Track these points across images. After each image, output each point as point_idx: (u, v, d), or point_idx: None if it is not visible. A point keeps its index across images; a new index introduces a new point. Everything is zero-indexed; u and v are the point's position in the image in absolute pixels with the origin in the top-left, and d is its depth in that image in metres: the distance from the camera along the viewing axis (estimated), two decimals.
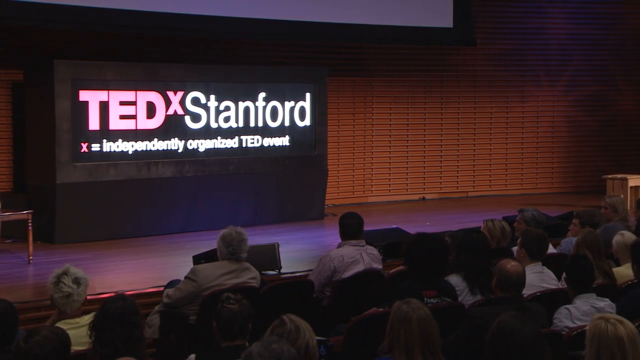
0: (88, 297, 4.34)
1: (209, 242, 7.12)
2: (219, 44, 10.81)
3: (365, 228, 6.13)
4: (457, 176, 12.83)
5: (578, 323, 4.43)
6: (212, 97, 9.78)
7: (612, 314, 3.58)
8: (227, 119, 9.93)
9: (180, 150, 9.57)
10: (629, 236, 5.81)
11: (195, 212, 9.61)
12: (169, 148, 9.49)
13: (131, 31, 9.78)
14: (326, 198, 10.93)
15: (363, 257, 5.81)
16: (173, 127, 9.51)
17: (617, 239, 5.87)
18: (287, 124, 10.38)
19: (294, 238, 9.17)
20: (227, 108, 9.92)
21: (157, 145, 9.40)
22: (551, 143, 13.24)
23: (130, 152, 9.21)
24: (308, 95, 10.54)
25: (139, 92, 9.24)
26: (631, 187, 11.06)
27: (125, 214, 9.16)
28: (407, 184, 12.56)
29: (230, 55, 10.90)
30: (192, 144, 9.66)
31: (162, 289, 5.75)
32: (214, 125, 9.81)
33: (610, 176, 11.39)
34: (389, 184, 12.46)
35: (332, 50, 11.77)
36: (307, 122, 10.54)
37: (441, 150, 12.70)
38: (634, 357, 3.11)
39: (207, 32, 10.20)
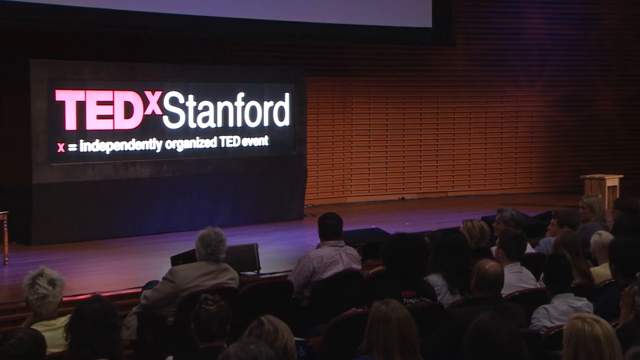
0: (64, 299, 4.32)
1: (187, 243, 7.08)
2: (198, 43, 10.78)
3: (345, 228, 6.14)
4: (437, 176, 12.88)
5: (556, 323, 4.47)
6: (191, 97, 9.75)
7: (589, 314, 3.61)
8: (205, 119, 9.90)
9: (158, 151, 9.53)
10: (606, 236, 5.85)
11: (174, 212, 9.58)
12: (147, 148, 9.44)
13: (108, 30, 9.72)
14: (305, 198, 10.93)
15: (342, 258, 5.82)
16: (151, 127, 9.46)
17: (594, 238, 5.92)
18: (266, 124, 10.37)
19: (273, 238, 9.17)
20: (206, 108, 9.89)
21: (135, 145, 9.35)
22: (530, 143, 13.32)
23: (107, 153, 9.16)
24: (287, 95, 10.53)
25: (116, 92, 9.19)
26: (609, 187, 11.16)
27: (103, 214, 9.11)
28: (386, 184, 12.59)
29: (209, 54, 10.87)
30: (171, 144, 9.62)
31: (139, 290, 5.72)
32: (192, 125, 9.78)
33: (588, 176, 11.48)
34: (369, 184, 12.48)
35: (311, 50, 11.77)
36: (286, 122, 10.54)
37: (420, 151, 12.74)
38: (610, 356, 3.14)
39: (185, 31, 10.17)
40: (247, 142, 10.24)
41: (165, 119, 9.59)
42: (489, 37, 12.88)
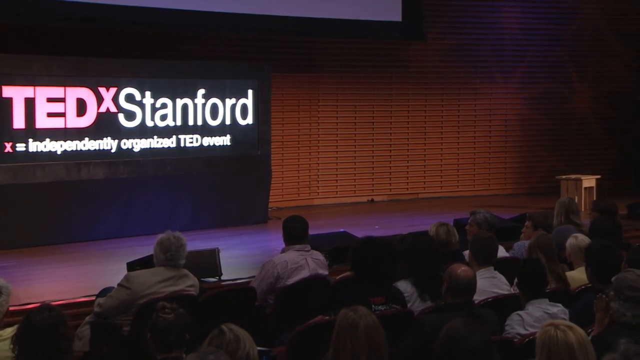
0: (10, 309, 4.27)
1: (144, 248, 7.03)
2: (156, 37, 10.72)
3: (311, 232, 6.16)
4: (407, 177, 12.95)
5: (530, 330, 4.51)
6: (148, 93, 9.70)
7: (563, 320, 3.65)
8: (164, 117, 9.85)
9: (113, 151, 9.47)
10: (582, 239, 5.93)
11: (130, 216, 9.52)
12: (101, 148, 9.38)
13: (59, 23, 9.63)
14: (270, 200, 10.93)
15: (308, 263, 5.84)
16: (105, 125, 9.40)
17: (570, 242, 5.99)
18: (228, 122, 10.35)
19: (236, 243, 9.15)
20: (164, 105, 9.85)
21: (88, 145, 9.28)
22: (504, 142, 13.45)
23: (58, 153, 9.08)
24: (250, 92, 10.52)
25: (68, 88, 9.11)
26: (585, 188, 11.29)
27: (54, 218, 9.03)
28: (354, 185, 12.63)
29: (168, 49, 10.82)
30: (127, 143, 9.57)
31: (93, 298, 5.69)
32: (149, 123, 9.74)
33: (564, 177, 11.61)
34: (336, 186, 12.51)
35: (276, 44, 11.77)
36: (249, 120, 10.53)
37: (390, 150, 12.80)
38: None
39: (142, 24, 10.11)
40: (208, 141, 10.22)
41: (121, 116, 9.53)
42: (461, 32, 12.98)
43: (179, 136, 9.99)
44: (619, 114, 13.88)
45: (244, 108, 10.49)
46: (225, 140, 10.36)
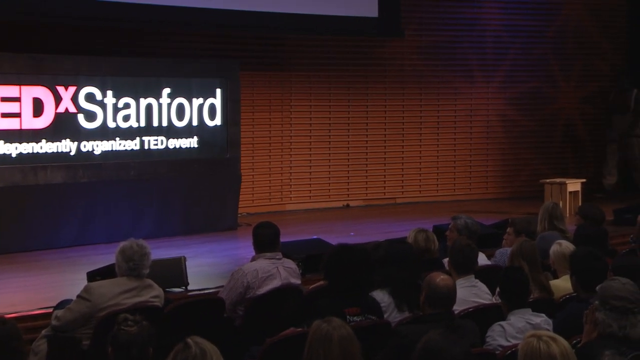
0: None
1: (106, 257, 7.04)
2: (118, 33, 10.68)
3: (283, 239, 6.16)
4: (384, 181, 12.99)
5: (512, 341, 4.54)
6: (109, 92, 9.66)
7: (545, 331, 3.68)
8: (126, 118, 9.82)
9: (72, 153, 9.42)
10: (566, 246, 5.98)
11: (91, 222, 9.48)
12: (60, 150, 9.32)
13: (14, 17, 9.56)
14: (239, 206, 10.92)
15: (279, 272, 5.84)
16: (64, 126, 9.35)
17: (554, 249, 6.04)
18: (195, 123, 10.33)
19: (203, 251, 9.14)
20: (127, 105, 9.81)
21: (46, 147, 9.23)
22: (486, 145, 13.53)
23: (13, 155, 9.02)
24: (219, 91, 10.51)
25: (23, 87, 9.05)
26: (570, 192, 11.38)
27: (8, 225, 8.96)
28: (329, 189, 12.64)
29: (131, 45, 10.78)
30: (87, 145, 9.52)
31: (50, 310, 5.66)
32: (111, 124, 9.69)
33: (548, 181, 11.70)
34: (310, 190, 12.52)
35: (245, 41, 11.76)
36: (217, 121, 10.51)
37: (366, 153, 12.83)
38: None
39: (104, 19, 10.07)
40: (173, 143, 10.19)
41: (81, 117, 9.48)
42: (440, 28, 13.05)
43: (143, 138, 9.95)
44: (606, 115, 14.02)
45: (212, 108, 10.47)
46: (192, 142, 10.34)
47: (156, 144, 10.07)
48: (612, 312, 3.97)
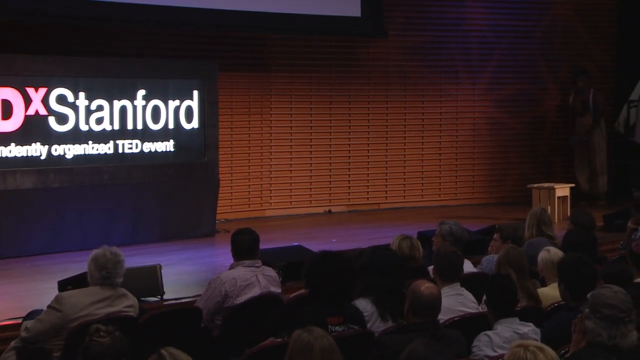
0: None
1: (78, 265, 7.03)
2: (91, 33, 10.64)
3: (263, 246, 6.18)
4: (368, 186, 13.00)
5: (499, 351, 4.56)
6: (82, 94, 9.62)
7: (533, 341, 3.69)
8: (99, 121, 9.78)
9: (43, 157, 9.37)
10: (555, 253, 6.00)
11: (62, 229, 9.43)
12: (30, 154, 9.27)
13: None
14: (217, 212, 10.90)
15: (259, 280, 5.84)
16: (34, 129, 9.30)
17: (542, 255, 6.07)
18: (171, 126, 10.31)
19: (180, 259, 9.12)
20: (100, 108, 9.77)
21: (15, 151, 9.18)
22: (472, 148, 13.56)
23: None
24: (196, 93, 10.49)
25: None
26: (559, 198, 11.43)
27: None
28: (310, 194, 12.64)
29: (104, 45, 10.74)
30: (58, 149, 9.48)
31: (20, 321, 5.65)
32: (84, 127, 9.65)
33: (536, 185, 11.75)
34: (290, 195, 12.51)
35: (224, 41, 11.75)
36: (194, 124, 10.49)
37: (349, 157, 12.84)
38: None
39: (75, 18, 10.03)
40: (149, 147, 10.16)
41: (52, 120, 9.43)
42: (425, 28, 13.08)
43: (117, 141, 9.91)
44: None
45: (189, 111, 10.45)
46: (168, 145, 10.32)
47: (131, 148, 10.03)
48: (603, 321, 3.98)
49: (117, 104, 9.91)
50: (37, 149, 9.34)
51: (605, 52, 14.08)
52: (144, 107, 10.12)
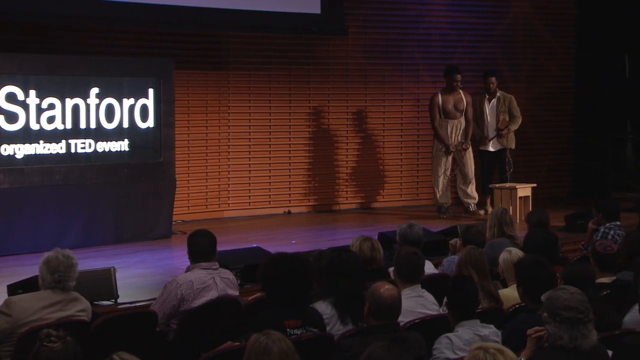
0: None
1: (28, 268, 6.98)
2: (42, 29, 10.54)
3: (220, 248, 6.17)
4: (328, 186, 13.00)
5: (460, 354, 4.59)
6: (32, 92, 9.53)
7: (493, 343, 3.71)
8: (51, 119, 9.69)
9: None
10: (516, 253, 6.06)
11: (12, 231, 9.34)
12: None
13: None
14: (174, 213, 10.85)
15: (216, 283, 5.83)
16: None
17: (503, 256, 6.12)
18: (125, 125, 10.24)
19: (135, 261, 9.09)
20: (52, 106, 9.69)
21: None
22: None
23: None
24: (151, 91, 10.44)
25: None
26: (520, 198, 11.53)
27: None
28: (269, 195, 12.63)
29: (56, 42, 10.65)
30: (7, 149, 9.38)
31: None
32: (34, 126, 9.56)
33: (497, 185, 11.84)
34: (249, 196, 12.49)
35: (180, 38, 11.69)
36: (150, 123, 10.44)
37: (309, 156, 12.84)
38: None
39: (26, 14, 9.93)
40: (102, 147, 10.09)
41: (1, 118, 9.34)
42: (385, 26, 13.13)
43: (69, 141, 9.83)
44: (556, 118, 14.24)
45: (144, 109, 10.39)
46: (122, 145, 10.25)
47: (84, 147, 9.95)
48: (563, 324, 4.01)
49: (70, 102, 9.83)
50: None
51: (566, 51, 14.23)
52: (98, 106, 10.04)
